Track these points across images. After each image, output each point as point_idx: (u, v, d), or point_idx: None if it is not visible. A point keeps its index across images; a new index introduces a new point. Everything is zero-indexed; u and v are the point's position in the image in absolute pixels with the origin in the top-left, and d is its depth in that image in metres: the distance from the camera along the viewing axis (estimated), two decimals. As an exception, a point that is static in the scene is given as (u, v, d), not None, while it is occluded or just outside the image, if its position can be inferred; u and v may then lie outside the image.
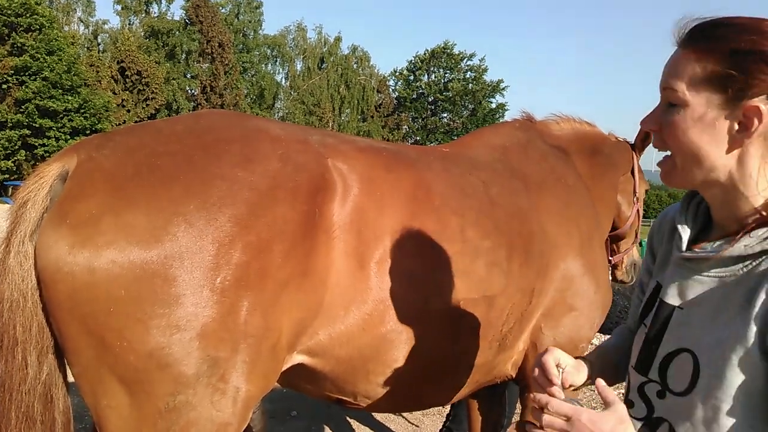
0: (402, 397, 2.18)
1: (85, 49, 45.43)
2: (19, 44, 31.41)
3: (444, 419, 4.09)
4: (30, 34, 31.64)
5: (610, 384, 1.30)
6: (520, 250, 2.25)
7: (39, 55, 31.38)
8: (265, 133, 1.83)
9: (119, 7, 50.87)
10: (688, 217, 1.28)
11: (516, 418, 4.08)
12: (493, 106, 55.19)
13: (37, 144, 32.50)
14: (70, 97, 32.43)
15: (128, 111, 40.32)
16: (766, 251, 1.09)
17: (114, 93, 39.56)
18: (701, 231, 1.27)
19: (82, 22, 49.95)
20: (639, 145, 3.35)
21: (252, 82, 54.22)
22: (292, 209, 1.69)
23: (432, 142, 55.87)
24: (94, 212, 1.46)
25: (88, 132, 32.52)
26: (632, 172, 3.29)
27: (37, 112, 31.64)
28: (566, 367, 1.34)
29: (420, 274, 2.00)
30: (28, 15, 31.44)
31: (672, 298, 1.25)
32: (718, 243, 1.17)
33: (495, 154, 2.62)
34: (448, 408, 4.14)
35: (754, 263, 1.10)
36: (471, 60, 55.70)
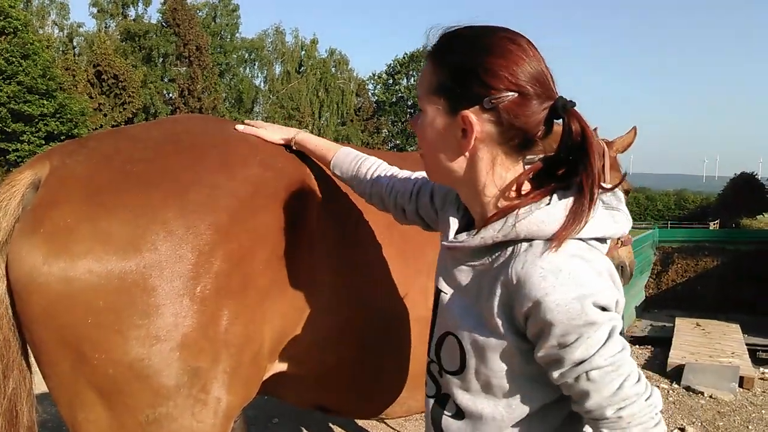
0: (386, 403, 2.16)
1: (61, 52, 44.83)
2: (-8, 48, 30.89)
3: (427, 424, 4.08)
4: (4, 37, 31.11)
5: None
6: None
7: (14, 59, 30.84)
8: (244, 139, 1.80)
9: (95, 10, 50.35)
10: (459, 210, 1.38)
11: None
12: (472, 109, 55.39)
13: (10, 149, 31.98)
14: (45, 102, 31.94)
15: (105, 115, 39.78)
16: (501, 243, 1.18)
17: (90, 97, 39.01)
18: (468, 224, 1.36)
19: (56, 25, 49.33)
20: (619, 144, 3.36)
21: (230, 86, 53.91)
22: (273, 216, 1.66)
23: (412, 146, 55.96)
24: (69, 221, 1.42)
25: (63, 137, 32.01)
26: (602, 170, 3.24)
27: (10, 117, 31.12)
28: None
29: (402, 279, 1.99)
30: (1, 18, 30.91)
31: (441, 284, 1.36)
32: (466, 235, 1.26)
33: None
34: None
35: (497, 255, 1.20)
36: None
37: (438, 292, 1.37)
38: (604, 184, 1.18)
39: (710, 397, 5.66)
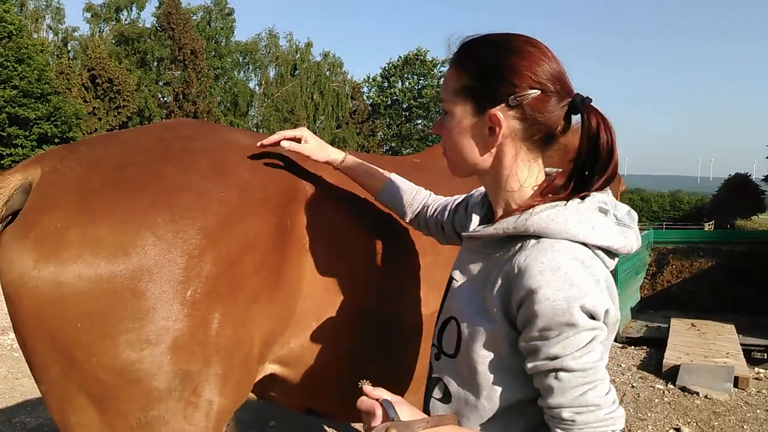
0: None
1: (55, 56, 44.73)
2: (-14, 53, 30.82)
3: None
4: (-2, 42, 31.09)
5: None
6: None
7: (8, 63, 30.83)
8: (235, 143, 1.81)
9: (89, 15, 50.30)
10: (482, 207, 1.47)
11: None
12: (467, 111, 55.44)
13: (4, 153, 31.92)
14: (40, 105, 31.90)
15: (99, 119, 39.70)
16: (514, 237, 1.24)
17: (85, 101, 38.92)
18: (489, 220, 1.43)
19: (51, 29, 49.25)
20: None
21: (225, 89, 53.82)
22: (263, 220, 1.67)
23: (407, 149, 56.02)
24: (59, 225, 1.42)
25: (58, 140, 32.04)
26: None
27: (7, 121, 31.09)
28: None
29: (393, 285, 1.99)
30: (-5, 23, 30.91)
31: (455, 272, 1.42)
32: (483, 226, 1.35)
33: None
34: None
35: (509, 248, 1.25)
36: (444, 66, 55.75)
37: (450, 279, 1.43)
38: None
39: (705, 397, 5.68)
